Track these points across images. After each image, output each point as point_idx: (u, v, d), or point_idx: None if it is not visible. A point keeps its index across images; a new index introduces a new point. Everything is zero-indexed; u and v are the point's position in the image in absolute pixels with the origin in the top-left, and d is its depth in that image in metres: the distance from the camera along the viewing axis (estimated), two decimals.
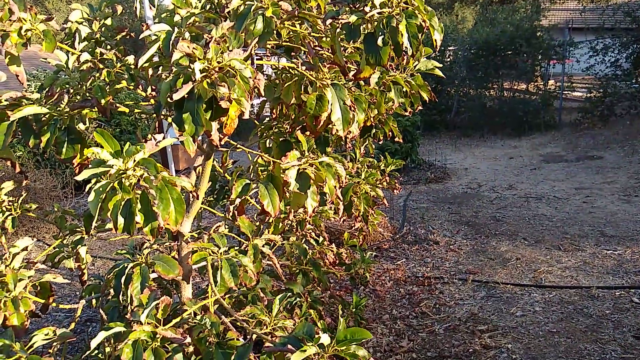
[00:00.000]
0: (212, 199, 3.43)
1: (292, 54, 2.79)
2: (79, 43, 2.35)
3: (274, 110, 2.66)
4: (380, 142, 2.74)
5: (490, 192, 7.30)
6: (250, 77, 1.46)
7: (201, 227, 3.51)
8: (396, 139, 2.50)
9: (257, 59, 2.81)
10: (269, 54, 2.99)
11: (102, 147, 1.44)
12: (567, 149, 10.02)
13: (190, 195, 2.50)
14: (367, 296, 4.28)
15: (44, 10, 22.27)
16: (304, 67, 1.91)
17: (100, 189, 1.44)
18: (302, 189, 1.91)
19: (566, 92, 12.96)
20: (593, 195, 6.90)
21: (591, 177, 7.83)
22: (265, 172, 2.07)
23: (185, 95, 1.48)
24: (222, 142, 1.68)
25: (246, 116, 1.52)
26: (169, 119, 1.73)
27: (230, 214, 2.06)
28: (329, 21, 1.70)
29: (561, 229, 5.64)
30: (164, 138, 1.59)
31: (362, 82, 2.43)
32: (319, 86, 1.94)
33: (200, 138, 2.23)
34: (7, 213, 2.43)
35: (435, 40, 1.66)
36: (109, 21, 2.40)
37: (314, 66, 1.92)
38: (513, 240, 5.39)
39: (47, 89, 2.07)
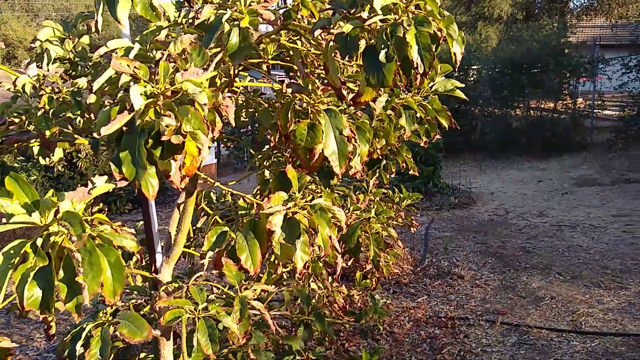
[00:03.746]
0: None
1: (291, 74, 2.44)
2: (47, 65, 2.05)
3: (273, 138, 2.32)
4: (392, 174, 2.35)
5: (518, 219, 6.79)
6: (205, 104, 1.11)
7: (193, 268, 3.16)
8: (411, 172, 2.12)
9: (254, 80, 2.48)
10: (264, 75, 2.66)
11: (12, 196, 1.10)
12: (600, 171, 9.43)
13: (172, 233, 2.16)
14: (383, 339, 3.85)
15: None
16: (290, 90, 1.56)
17: (12, 252, 1.10)
18: (290, 239, 1.54)
19: (596, 111, 12.36)
20: (633, 223, 6.33)
21: (630, 203, 7.25)
22: (248, 217, 1.71)
23: (124, 128, 1.13)
24: (183, 185, 1.33)
25: (204, 154, 1.17)
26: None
27: (205, 267, 1.70)
28: (317, 32, 1.35)
29: (600, 263, 5.11)
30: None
31: (373, 107, 2.07)
32: (312, 112, 1.59)
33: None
34: None
35: (455, 53, 1.29)
36: (85, 39, 2.10)
37: (304, 88, 1.57)
38: (546, 276, 4.89)
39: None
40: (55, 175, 8.93)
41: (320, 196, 2.24)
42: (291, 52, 2.24)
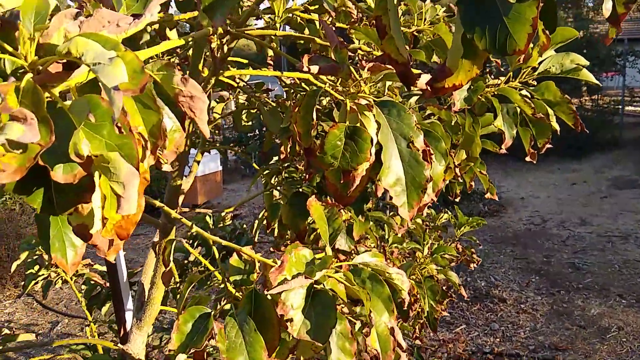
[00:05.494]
0: (202, 269, 2.47)
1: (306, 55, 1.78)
2: None
3: (283, 148, 1.69)
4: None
5: (559, 228, 6.07)
6: (120, 89, 0.45)
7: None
8: (488, 195, 1.45)
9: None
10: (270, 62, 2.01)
11: None
12: (638, 171, 8.66)
13: (145, 286, 1.55)
14: None
15: None
16: (315, 69, 0.89)
17: None
18: (319, 331, 0.87)
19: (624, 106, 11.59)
20: None
21: None
22: (247, 285, 1.05)
23: None
24: (112, 257, 0.67)
25: (129, 207, 0.51)
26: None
27: None
28: None
29: None
30: None
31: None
32: (351, 108, 0.93)
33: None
34: None
35: None
36: None
37: (341, 67, 0.90)
38: (605, 299, 4.18)
39: None
40: None
41: (351, 221, 1.59)
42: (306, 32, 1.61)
